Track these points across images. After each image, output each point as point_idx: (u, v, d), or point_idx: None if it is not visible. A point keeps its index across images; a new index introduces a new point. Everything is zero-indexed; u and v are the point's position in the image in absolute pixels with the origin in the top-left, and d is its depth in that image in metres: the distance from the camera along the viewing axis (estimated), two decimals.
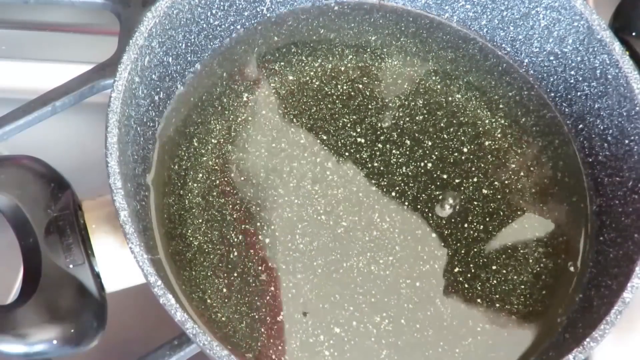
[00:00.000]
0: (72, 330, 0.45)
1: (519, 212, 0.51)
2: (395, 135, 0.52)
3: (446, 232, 0.50)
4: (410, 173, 0.51)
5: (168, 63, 0.50)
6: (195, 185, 0.50)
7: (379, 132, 0.52)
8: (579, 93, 0.53)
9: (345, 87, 0.54)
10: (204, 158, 0.51)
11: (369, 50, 0.56)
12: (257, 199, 0.50)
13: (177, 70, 0.52)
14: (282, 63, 0.55)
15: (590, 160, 0.53)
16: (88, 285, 0.45)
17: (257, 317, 0.47)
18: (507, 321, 0.48)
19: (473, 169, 0.52)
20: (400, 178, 0.51)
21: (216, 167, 0.51)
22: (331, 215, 0.50)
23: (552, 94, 0.55)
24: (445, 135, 0.53)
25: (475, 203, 0.51)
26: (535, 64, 0.55)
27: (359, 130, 0.53)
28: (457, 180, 0.51)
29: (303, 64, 0.55)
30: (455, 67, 0.56)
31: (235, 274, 0.48)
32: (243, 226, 0.49)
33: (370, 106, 0.53)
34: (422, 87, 0.55)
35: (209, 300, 0.47)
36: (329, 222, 0.50)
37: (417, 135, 0.53)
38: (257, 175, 0.51)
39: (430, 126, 0.53)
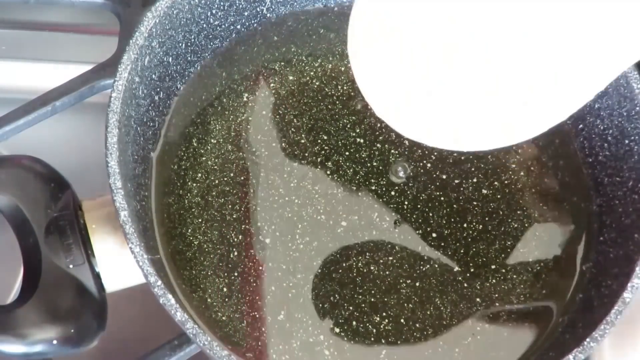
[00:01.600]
0: (72, 330, 0.45)
1: (518, 212, 0.51)
2: (394, 135, 0.52)
3: (446, 231, 0.50)
4: (409, 173, 0.51)
5: (168, 63, 0.51)
6: (194, 184, 0.50)
7: (377, 132, 0.52)
8: None
9: (345, 88, 0.54)
10: (204, 158, 0.51)
11: None
12: (257, 198, 0.50)
13: (177, 70, 0.52)
14: (282, 63, 0.55)
15: (590, 160, 0.52)
16: (88, 285, 0.46)
17: (257, 316, 0.47)
18: (507, 321, 0.48)
19: (473, 169, 0.52)
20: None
21: (215, 167, 0.51)
22: (331, 215, 0.50)
23: None
24: None
25: (475, 203, 0.51)
26: None
27: (358, 130, 0.53)
28: (456, 181, 0.51)
29: (303, 64, 0.55)
30: None
31: (236, 274, 0.48)
32: (243, 226, 0.49)
33: (369, 106, 0.53)
34: None
35: (209, 300, 0.47)
36: (329, 222, 0.50)
37: None
38: (256, 175, 0.51)
39: None
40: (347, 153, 0.52)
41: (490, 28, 0.37)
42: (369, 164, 0.51)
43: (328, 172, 0.51)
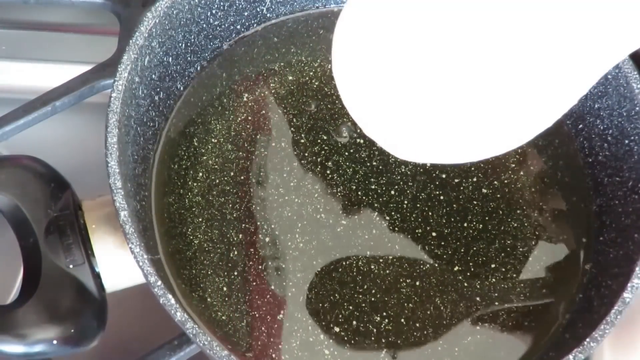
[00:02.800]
0: (72, 330, 0.45)
1: (518, 212, 0.51)
2: None
3: (446, 230, 0.50)
4: (409, 172, 0.51)
5: (168, 63, 0.51)
6: (195, 184, 0.50)
7: None
8: None
9: None
10: (204, 157, 0.51)
11: None
12: (257, 198, 0.50)
13: (177, 70, 0.52)
14: (282, 63, 0.55)
15: (590, 160, 0.53)
16: (88, 285, 0.46)
17: (257, 316, 0.47)
18: (507, 321, 0.48)
19: (472, 168, 0.52)
20: (399, 177, 0.51)
21: (216, 167, 0.51)
22: (331, 214, 0.50)
23: None
24: None
25: (475, 202, 0.51)
26: None
27: (359, 130, 0.53)
28: (456, 180, 0.51)
29: (302, 64, 0.55)
30: None
31: (236, 273, 0.48)
32: (243, 225, 0.49)
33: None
34: None
35: (209, 299, 0.47)
36: (329, 221, 0.50)
37: None
38: (256, 175, 0.51)
39: None
40: (347, 153, 0.52)
41: (478, 39, 0.37)
42: (368, 164, 0.51)
43: (328, 172, 0.51)
